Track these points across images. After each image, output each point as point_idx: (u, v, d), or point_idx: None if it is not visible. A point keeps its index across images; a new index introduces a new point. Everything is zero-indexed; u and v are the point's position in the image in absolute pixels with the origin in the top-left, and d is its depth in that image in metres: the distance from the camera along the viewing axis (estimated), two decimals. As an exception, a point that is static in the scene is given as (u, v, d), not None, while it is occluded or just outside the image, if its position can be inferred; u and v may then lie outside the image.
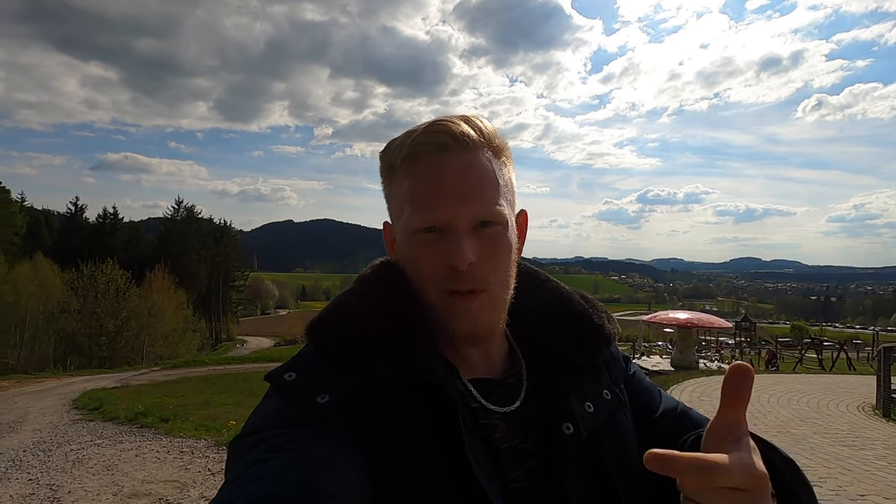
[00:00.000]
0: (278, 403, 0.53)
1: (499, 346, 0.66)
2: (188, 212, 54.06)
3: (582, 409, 0.61)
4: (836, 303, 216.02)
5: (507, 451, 0.58)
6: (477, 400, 0.60)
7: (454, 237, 0.56)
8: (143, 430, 7.00)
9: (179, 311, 35.63)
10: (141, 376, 16.75)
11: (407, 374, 0.54)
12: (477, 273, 0.57)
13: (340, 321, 0.59)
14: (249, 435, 0.50)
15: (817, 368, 21.96)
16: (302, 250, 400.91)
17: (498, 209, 0.58)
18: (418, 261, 0.59)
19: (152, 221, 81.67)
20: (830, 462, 4.87)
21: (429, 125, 0.60)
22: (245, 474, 0.45)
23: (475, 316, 0.58)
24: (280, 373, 0.56)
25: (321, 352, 0.58)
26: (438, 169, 0.58)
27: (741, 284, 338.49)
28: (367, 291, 0.62)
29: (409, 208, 0.59)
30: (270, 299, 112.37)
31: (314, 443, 0.48)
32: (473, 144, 0.59)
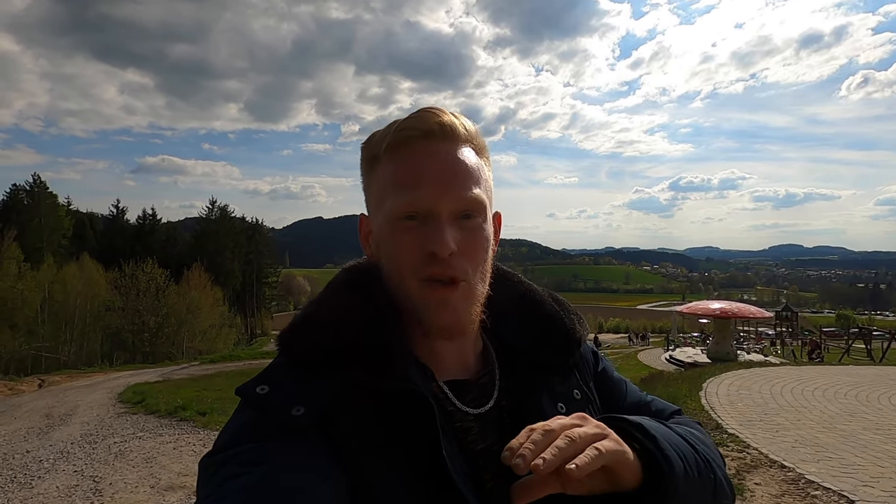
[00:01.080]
0: (250, 417, 0.53)
1: (473, 345, 0.66)
2: (222, 211, 55.63)
3: (554, 409, 0.62)
4: (885, 290, 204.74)
5: (482, 452, 0.59)
6: (452, 403, 0.60)
7: (436, 224, 0.56)
8: (181, 424, 7.25)
9: (216, 308, 36.80)
10: (181, 371, 17.42)
11: (383, 382, 0.54)
12: (456, 263, 0.57)
13: (312, 331, 0.59)
14: (221, 451, 0.50)
15: (866, 360, 20.86)
16: (331, 246, 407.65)
17: (479, 200, 0.59)
18: (398, 247, 0.59)
19: (189, 221, 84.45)
20: (884, 461, 4.59)
21: (415, 113, 0.60)
22: (218, 492, 0.44)
23: (454, 307, 0.58)
24: (251, 386, 0.55)
25: (293, 362, 0.57)
26: (424, 155, 0.58)
27: (781, 272, 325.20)
28: (336, 297, 0.62)
29: (391, 193, 0.58)
30: (303, 295, 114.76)
31: (289, 455, 0.48)
32: (458, 136, 0.60)
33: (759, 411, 6.56)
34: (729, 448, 4.90)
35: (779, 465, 4.42)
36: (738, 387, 8.53)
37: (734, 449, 4.86)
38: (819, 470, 4.30)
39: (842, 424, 5.95)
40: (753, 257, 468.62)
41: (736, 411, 6.49)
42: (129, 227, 50.88)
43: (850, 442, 5.21)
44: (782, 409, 6.72)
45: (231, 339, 38.45)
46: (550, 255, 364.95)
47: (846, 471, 4.30)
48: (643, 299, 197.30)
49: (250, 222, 61.17)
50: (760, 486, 4.01)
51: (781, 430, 5.62)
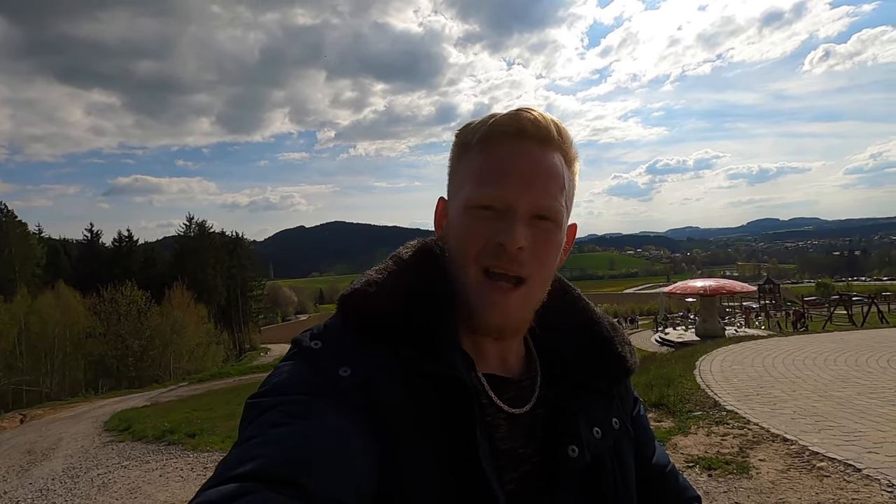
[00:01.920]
0: (300, 369, 0.54)
1: (516, 348, 0.66)
2: (200, 227, 54.57)
3: (589, 433, 0.62)
4: (860, 256, 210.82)
5: (505, 453, 0.59)
6: (487, 396, 0.60)
7: (511, 219, 0.57)
8: (169, 448, 6.99)
9: (201, 326, 36.04)
10: (169, 392, 16.97)
11: (429, 364, 0.55)
12: (523, 259, 0.58)
13: (371, 300, 0.59)
14: (268, 396, 0.51)
15: (848, 325, 21.33)
16: (315, 255, 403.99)
17: (558, 205, 0.59)
18: (468, 233, 0.59)
19: (167, 240, 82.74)
20: (883, 425, 4.59)
21: (513, 110, 0.61)
22: (262, 435, 0.45)
23: (506, 309, 0.59)
24: (306, 338, 0.57)
25: (348, 325, 0.59)
26: (513, 152, 0.59)
27: (760, 247, 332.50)
28: (400, 272, 0.62)
29: (473, 182, 0.60)
30: (290, 306, 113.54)
31: (333, 414, 0.49)
32: (551, 140, 0.60)
33: (754, 385, 6.56)
34: (729, 425, 4.86)
35: (781, 438, 4.38)
36: (731, 362, 8.56)
37: (734, 426, 4.81)
38: (822, 440, 4.27)
39: (836, 391, 5.97)
40: (733, 234, 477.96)
41: (732, 387, 6.47)
42: (106, 250, 49.57)
43: (848, 408, 5.21)
44: (777, 382, 6.73)
45: (219, 356, 37.68)
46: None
47: (848, 439, 4.28)
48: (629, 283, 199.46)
49: (231, 236, 60.22)
50: (765, 461, 3.95)
51: (779, 402, 5.61)
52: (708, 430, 4.78)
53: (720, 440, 4.47)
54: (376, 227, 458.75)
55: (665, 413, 5.55)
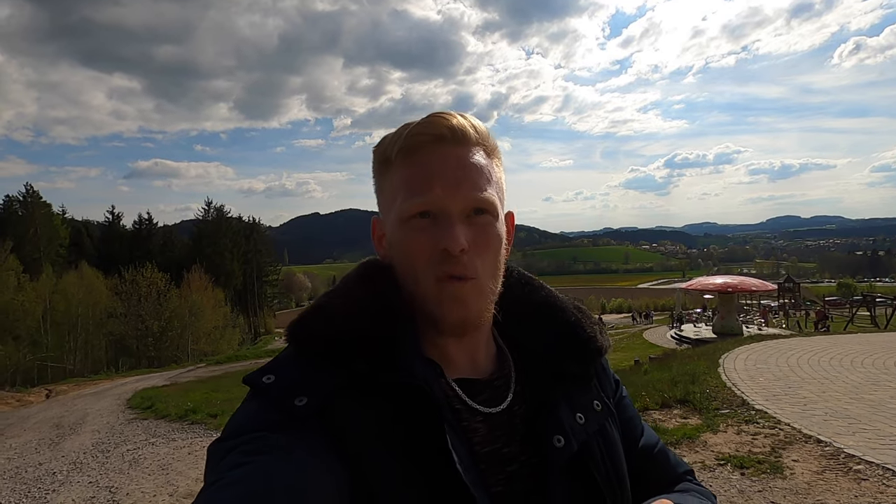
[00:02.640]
0: (256, 406, 0.53)
1: (485, 347, 0.65)
2: (218, 212, 55.29)
3: (573, 420, 0.62)
4: (884, 256, 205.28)
5: (486, 455, 0.58)
6: (461, 400, 0.60)
7: (448, 222, 0.57)
8: (193, 427, 7.14)
9: (218, 309, 36.67)
10: (188, 373, 17.34)
11: (387, 376, 0.54)
12: (468, 260, 0.58)
13: (320, 322, 0.58)
14: (227, 439, 0.51)
15: (870, 326, 20.83)
16: (330, 241, 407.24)
17: (490, 197, 0.60)
18: (411, 246, 0.59)
19: (185, 224, 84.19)
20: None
21: (426, 118, 0.61)
22: (222, 478, 0.45)
23: (465, 301, 0.58)
24: (258, 375, 0.55)
25: (300, 353, 0.57)
26: (435, 158, 0.59)
27: (780, 244, 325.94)
28: (349, 291, 0.61)
29: (402, 194, 0.59)
30: (304, 291, 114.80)
31: (291, 446, 0.48)
32: (469, 139, 0.60)
33: (781, 385, 6.44)
34: (759, 424, 4.78)
35: (814, 439, 4.30)
36: (755, 360, 8.42)
37: (765, 426, 4.74)
38: (857, 443, 4.18)
39: (867, 394, 5.84)
40: (751, 230, 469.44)
41: (759, 386, 6.37)
42: (126, 232, 50.54)
43: (881, 412, 5.09)
44: (805, 382, 6.60)
45: (235, 340, 38.39)
46: (549, 239, 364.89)
47: (884, 442, 4.18)
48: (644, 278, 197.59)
49: (247, 222, 60.88)
50: (799, 462, 3.88)
51: (809, 403, 5.50)
52: (738, 428, 4.71)
53: (751, 439, 4.41)
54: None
55: (691, 410, 5.48)
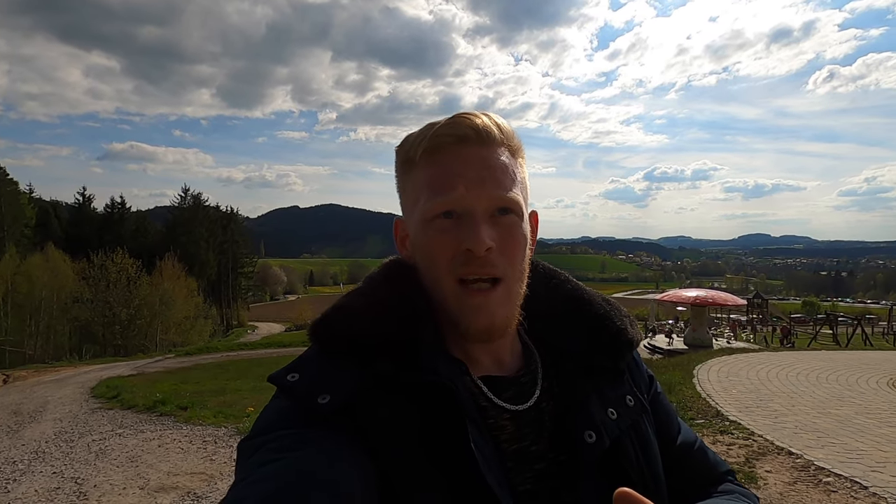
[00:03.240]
0: (283, 405, 0.54)
1: (510, 346, 0.65)
2: (195, 200, 54.04)
3: (604, 415, 0.60)
4: (846, 277, 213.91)
5: (514, 453, 0.57)
6: (487, 398, 0.59)
7: (472, 222, 0.56)
8: (162, 419, 6.93)
9: (190, 299, 35.81)
10: (156, 364, 16.85)
11: (410, 375, 0.54)
12: (494, 259, 0.57)
13: (344, 321, 0.58)
14: (256, 437, 0.52)
15: (832, 344, 21.68)
16: (308, 236, 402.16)
17: (514, 196, 0.59)
18: (433, 247, 0.58)
19: (159, 210, 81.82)
20: (883, 445, 4.66)
21: (450, 118, 0.60)
22: (252, 475, 0.46)
23: (491, 311, 0.57)
24: (283, 374, 0.56)
25: (324, 352, 0.58)
26: (459, 158, 0.58)
27: (750, 261, 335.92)
28: (373, 291, 0.61)
29: (426, 195, 0.58)
30: (279, 285, 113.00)
31: (319, 443, 0.49)
32: (494, 140, 0.59)
33: (753, 397, 6.63)
34: (734, 435, 4.90)
35: (786, 451, 4.43)
36: (727, 373, 8.65)
37: (739, 437, 4.86)
38: (826, 456, 4.32)
39: (834, 409, 6.05)
40: (724, 246, 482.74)
41: (732, 398, 6.54)
42: (97, 215, 48.97)
43: (848, 427, 5.28)
44: (775, 395, 6.81)
45: (206, 331, 37.53)
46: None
47: (851, 456, 4.33)
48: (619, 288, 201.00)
49: (225, 211, 59.70)
50: (772, 473, 3.99)
51: (780, 415, 5.67)
52: (713, 438, 4.82)
53: (726, 449, 4.51)
54: (371, 213, 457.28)
55: (667, 418, 5.59)
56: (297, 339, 24.45)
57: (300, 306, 57.07)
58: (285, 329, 46.66)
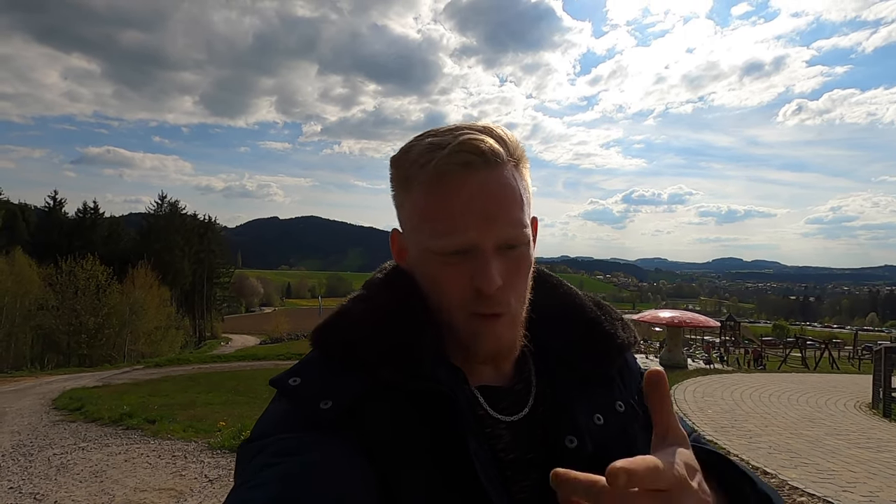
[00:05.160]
0: (284, 408, 0.54)
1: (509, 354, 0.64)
2: (172, 207, 52.99)
3: (590, 420, 0.59)
4: (814, 302, 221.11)
5: (512, 462, 0.57)
6: (483, 407, 0.59)
7: (482, 260, 0.54)
8: (129, 432, 6.67)
9: (162, 309, 34.82)
10: (123, 375, 16.26)
11: (412, 382, 0.54)
12: (502, 296, 0.56)
13: (345, 327, 0.58)
14: (257, 440, 0.51)
15: (801, 367, 22.31)
16: (287, 247, 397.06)
17: (523, 230, 0.57)
18: (440, 282, 0.57)
19: (134, 217, 79.95)
20: (854, 466, 4.77)
21: (455, 143, 0.55)
22: (253, 479, 0.46)
23: (499, 336, 0.58)
24: (285, 378, 0.56)
25: (326, 357, 0.58)
26: (464, 190, 0.55)
27: (723, 284, 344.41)
28: (374, 297, 0.61)
29: (430, 228, 0.56)
30: (255, 297, 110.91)
31: (320, 447, 0.48)
32: (499, 161, 0.56)
33: (728, 417, 6.74)
34: (710, 454, 4.96)
35: (761, 471, 4.49)
36: (703, 393, 8.78)
37: (715, 455, 4.91)
38: (799, 476, 4.40)
39: (805, 430, 6.19)
40: (698, 269, 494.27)
41: (708, 418, 6.63)
42: (68, 220, 47.46)
43: (819, 448, 5.40)
44: (749, 416, 6.93)
45: (178, 342, 36.46)
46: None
47: (823, 476, 4.42)
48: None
49: (202, 220, 58.57)
50: (747, 492, 4.04)
51: (754, 436, 5.77)
52: (690, 457, 4.86)
53: (703, 468, 4.55)
54: (352, 226, 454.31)
55: (645, 437, 5.62)
56: (272, 353, 23.86)
57: (276, 319, 55.94)
58: (260, 342, 45.59)
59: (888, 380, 8.02)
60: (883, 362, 8.27)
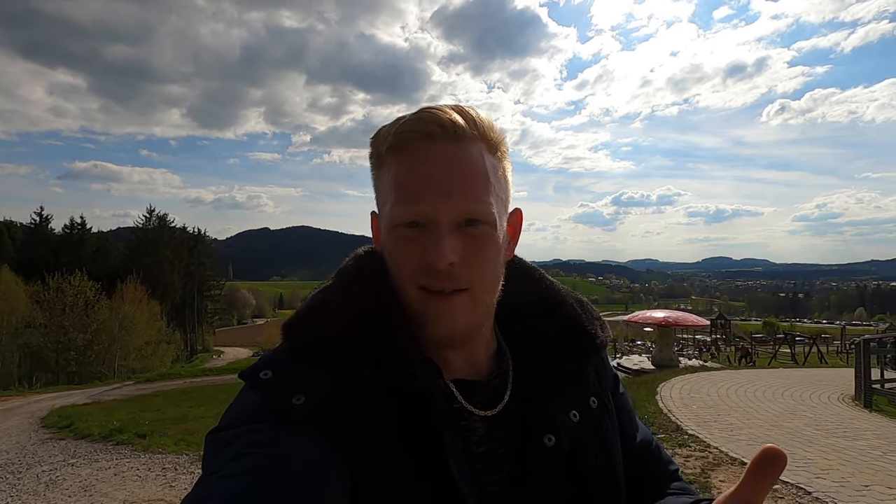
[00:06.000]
0: (255, 399, 0.52)
1: (485, 347, 0.63)
2: (160, 220, 52.56)
3: (566, 418, 0.60)
4: (803, 299, 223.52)
5: (483, 456, 0.57)
6: (458, 401, 0.58)
7: (435, 234, 0.53)
8: (119, 448, 6.64)
9: (153, 323, 34.46)
10: (113, 391, 16.11)
11: (387, 378, 0.52)
12: (457, 272, 0.54)
13: (317, 321, 0.57)
14: (226, 429, 0.50)
15: (790, 363, 22.61)
16: (278, 258, 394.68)
17: (485, 207, 0.55)
18: (398, 256, 0.56)
19: (122, 231, 79.19)
20: (829, 454, 4.92)
21: (417, 112, 0.56)
22: (222, 470, 0.44)
23: (452, 317, 0.55)
24: (255, 371, 0.55)
25: (297, 352, 0.56)
26: (424, 159, 0.54)
27: (713, 283, 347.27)
28: (346, 288, 0.59)
29: (392, 198, 0.56)
30: (247, 308, 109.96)
31: (290, 440, 0.47)
32: (464, 136, 0.55)
33: (712, 412, 6.87)
34: (691, 448, 5.08)
35: (739, 462, 4.62)
36: (689, 390, 8.92)
37: (696, 449, 5.04)
38: (775, 465, 4.52)
39: (786, 422, 6.34)
40: (689, 269, 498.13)
41: (691, 413, 6.76)
42: (55, 236, 46.89)
43: (797, 438, 5.55)
44: (732, 410, 7.07)
45: (169, 357, 36.05)
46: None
47: (799, 465, 4.56)
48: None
49: (192, 233, 58.20)
50: (725, 482, 4.15)
51: (735, 429, 5.91)
52: (672, 451, 4.98)
53: (683, 461, 4.67)
54: (343, 235, 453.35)
55: (630, 434, 5.74)
56: (265, 364, 23.71)
57: (269, 330, 55.57)
58: (253, 354, 45.23)
59: (868, 371, 8.21)
60: (862, 354, 8.46)
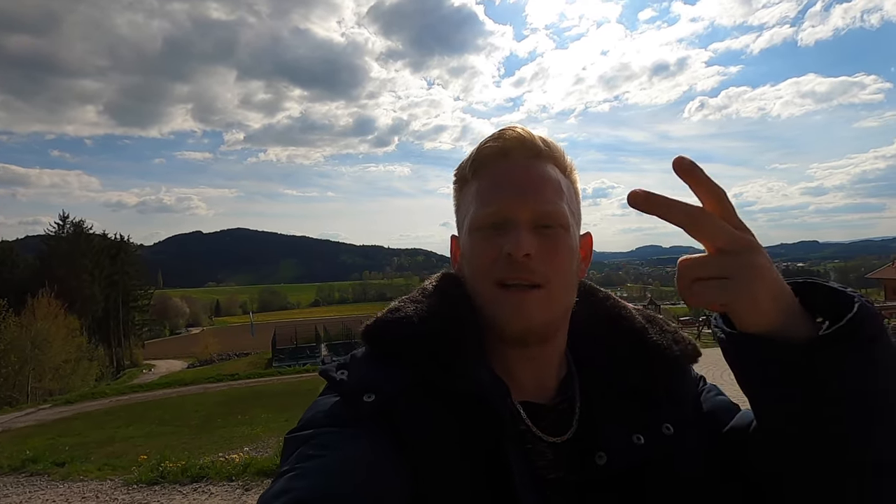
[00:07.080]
0: (330, 401, 0.56)
1: (556, 367, 0.64)
2: (76, 227, 48.40)
3: (628, 438, 0.56)
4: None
5: (553, 482, 0.56)
6: (525, 423, 0.59)
7: (514, 229, 0.58)
8: (32, 479, 6.17)
9: (71, 340, 31.75)
10: (26, 417, 14.77)
11: (454, 383, 0.54)
12: (534, 266, 0.57)
13: (393, 324, 0.60)
14: (302, 430, 0.53)
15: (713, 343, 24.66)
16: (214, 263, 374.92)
17: (558, 209, 0.59)
18: (475, 253, 0.61)
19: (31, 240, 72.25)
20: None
21: (497, 132, 0.63)
22: (294, 469, 0.48)
23: (528, 313, 0.57)
24: (334, 369, 0.59)
25: (374, 354, 0.60)
26: (503, 169, 0.61)
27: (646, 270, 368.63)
28: (424, 299, 0.63)
29: (474, 206, 0.62)
30: (180, 317, 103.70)
31: (361, 443, 0.50)
32: (539, 153, 0.62)
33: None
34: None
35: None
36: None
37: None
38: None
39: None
40: (623, 258, 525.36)
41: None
42: (-52, 248, 42.03)
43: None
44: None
45: (92, 374, 33.39)
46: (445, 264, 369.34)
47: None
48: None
49: (113, 239, 54.09)
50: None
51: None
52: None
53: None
54: (283, 236, 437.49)
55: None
56: (201, 376, 22.54)
57: (205, 339, 52.75)
58: (188, 365, 42.80)
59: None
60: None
